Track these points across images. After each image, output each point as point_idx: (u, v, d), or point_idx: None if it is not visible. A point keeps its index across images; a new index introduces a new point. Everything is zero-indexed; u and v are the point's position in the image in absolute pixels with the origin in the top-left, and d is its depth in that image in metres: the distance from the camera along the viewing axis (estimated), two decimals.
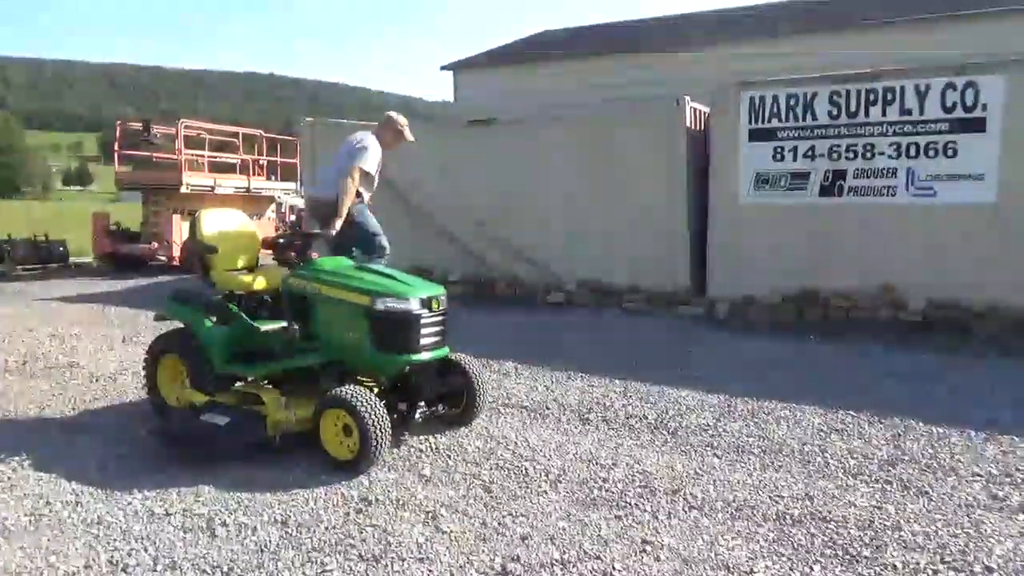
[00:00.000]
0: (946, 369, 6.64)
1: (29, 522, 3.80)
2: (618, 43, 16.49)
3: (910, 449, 4.75)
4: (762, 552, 3.45)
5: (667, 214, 9.26)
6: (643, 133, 9.40)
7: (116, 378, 6.59)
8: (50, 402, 5.87)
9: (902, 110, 7.93)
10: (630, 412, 5.55)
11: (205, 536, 3.63)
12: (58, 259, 15.49)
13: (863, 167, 8.16)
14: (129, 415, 5.53)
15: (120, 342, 8.15)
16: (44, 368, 6.95)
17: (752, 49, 13.96)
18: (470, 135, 10.97)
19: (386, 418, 4.34)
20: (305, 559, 3.41)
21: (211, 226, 5.40)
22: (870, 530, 3.66)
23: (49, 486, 4.22)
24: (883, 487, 4.18)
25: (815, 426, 5.20)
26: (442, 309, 4.81)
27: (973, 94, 7.60)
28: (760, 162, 8.66)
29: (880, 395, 5.87)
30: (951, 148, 7.73)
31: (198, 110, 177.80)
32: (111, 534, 3.65)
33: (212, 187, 15.81)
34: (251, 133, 18.60)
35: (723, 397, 5.86)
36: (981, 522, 3.74)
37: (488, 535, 3.63)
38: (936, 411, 5.43)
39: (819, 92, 8.32)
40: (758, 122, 8.65)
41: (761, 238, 8.66)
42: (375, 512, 3.87)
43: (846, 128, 8.21)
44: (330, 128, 12.23)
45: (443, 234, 10.82)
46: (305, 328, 4.92)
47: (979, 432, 5.01)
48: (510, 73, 16.69)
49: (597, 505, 3.96)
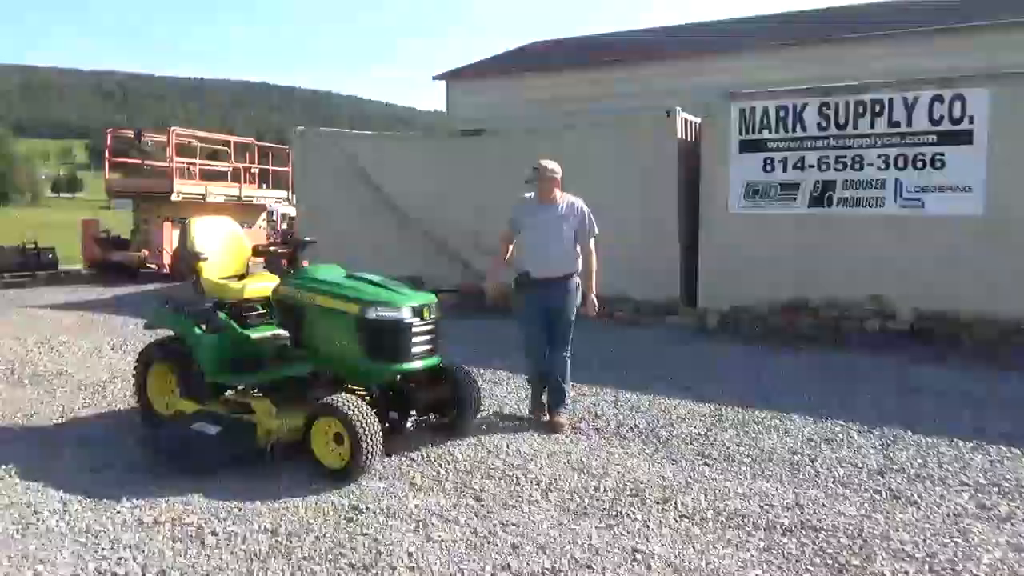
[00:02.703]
0: (935, 379, 6.69)
1: (17, 531, 3.77)
2: (610, 54, 16.56)
3: (899, 458, 4.77)
4: (752, 561, 3.46)
5: (658, 224, 9.29)
6: (634, 144, 9.44)
7: (105, 386, 6.55)
8: (38, 410, 5.83)
9: (890, 122, 8.00)
10: (621, 421, 5.55)
11: (195, 545, 3.60)
12: (47, 267, 15.39)
13: (852, 178, 8.22)
14: (118, 423, 5.50)
15: (109, 350, 8.11)
16: (32, 376, 6.90)
17: (742, 61, 14.06)
18: (461, 146, 10.99)
19: (377, 427, 4.33)
20: (295, 568, 3.39)
21: (202, 234, 5.39)
22: (860, 539, 3.67)
23: (37, 495, 4.19)
24: (872, 496, 4.20)
25: (805, 435, 5.22)
26: (433, 318, 4.81)
27: (960, 106, 7.68)
28: (750, 173, 8.72)
29: (869, 405, 5.91)
30: (939, 160, 7.81)
31: (190, 118, 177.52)
32: (100, 543, 3.62)
33: (203, 195, 15.78)
34: (243, 141, 18.58)
35: (713, 406, 5.88)
36: (969, 531, 3.76)
37: (479, 544, 3.62)
38: (925, 421, 5.47)
39: (808, 103, 8.39)
40: (748, 133, 8.71)
41: (751, 248, 8.70)
42: (366, 521, 3.85)
43: (835, 139, 8.28)
44: (322, 137, 12.26)
45: (434, 243, 10.82)
46: (296, 337, 4.91)
47: (967, 442, 5.04)
48: (503, 83, 16.73)
49: (588, 514, 3.96)
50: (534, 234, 5.37)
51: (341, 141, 11.86)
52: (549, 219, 5.34)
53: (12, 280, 14.29)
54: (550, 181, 5.36)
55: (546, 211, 5.37)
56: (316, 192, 11.90)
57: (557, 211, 5.37)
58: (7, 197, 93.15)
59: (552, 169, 5.36)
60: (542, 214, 5.37)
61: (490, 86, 16.90)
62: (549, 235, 5.33)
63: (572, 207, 5.42)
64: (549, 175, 5.35)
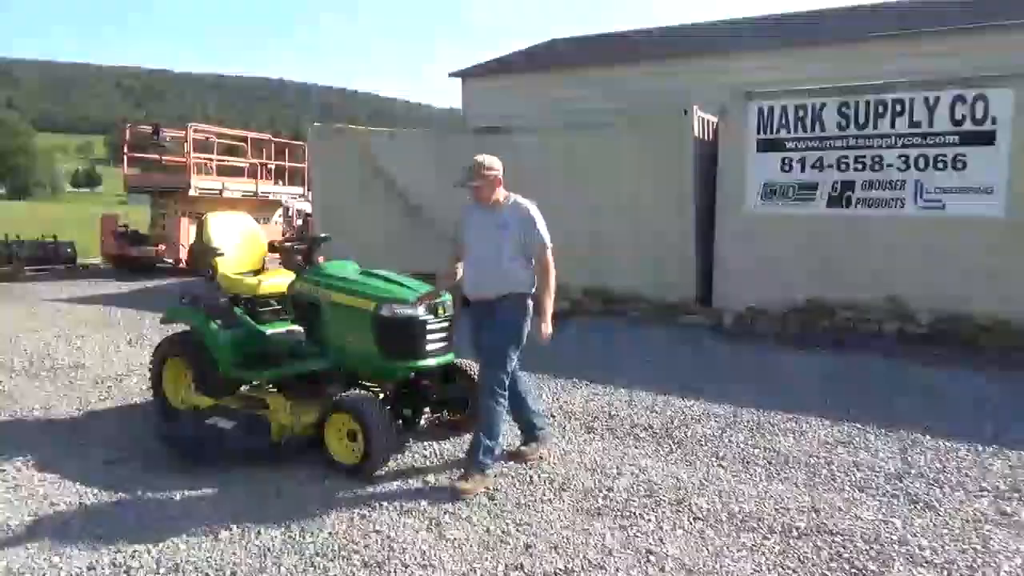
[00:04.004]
0: (953, 382, 6.61)
1: (33, 523, 3.80)
2: (626, 52, 16.49)
3: (917, 463, 4.72)
4: (768, 565, 3.43)
5: (674, 224, 9.24)
6: (650, 143, 9.39)
7: (122, 380, 6.60)
8: (56, 403, 5.88)
9: (911, 122, 7.91)
10: (635, 421, 5.53)
11: (208, 539, 3.62)
12: (66, 260, 15.54)
13: (871, 178, 8.13)
14: (134, 417, 5.54)
15: (126, 344, 8.17)
16: (50, 369, 6.96)
17: (760, 60, 13.94)
18: (476, 143, 10.97)
19: (391, 424, 4.33)
20: (308, 564, 3.40)
21: (218, 229, 5.42)
22: (876, 544, 3.63)
23: (53, 487, 4.22)
24: (890, 501, 4.15)
25: (821, 438, 5.17)
26: (448, 315, 4.80)
27: (983, 107, 7.58)
28: (768, 172, 8.65)
29: (887, 408, 5.84)
30: (960, 161, 7.71)
31: (208, 114, 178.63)
32: (115, 536, 3.65)
33: (220, 191, 15.86)
34: (260, 137, 18.66)
35: (728, 408, 5.84)
36: (989, 538, 3.71)
37: (492, 543, 3.61)
38: (943, 425, 5.40)
39: (828, 103, 8.31)
40: (766, 132, 8.63)
41: (768, 249, 8.63)
42: (378, 518, 3.86)
43: (855, 139, 8.19)
44: (338, 134, 12.29)
45: (448, 240, 10.82)
46: (311, 333, 4.93)
47: (987, 446, 4.97)
48: (519, 81, 16.69)
49: (601, 514, 3.94)
50: (468, 246, 4.48)
51: (357, 138, 11.88)
52: (485, 227, 4.39)
53: (32, 273, 14.43)
54: (489, 180, 4.39)
55: (484, 217, 4.43)
56: (332, 189, 11.92)
57: (496, 218, 4.37)
58: (27, 191, 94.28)
59: (489, 166, 4.40)
60: (479, 221, 4.44)
61: (505, 84, 16.87)
62: (483, 247, 4.38)
63: (515, 212, 4.38)
64: (485, 172, 4.37)
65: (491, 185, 4.40)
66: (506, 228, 4.33)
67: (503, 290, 4.34)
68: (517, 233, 4.33)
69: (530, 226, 4.34)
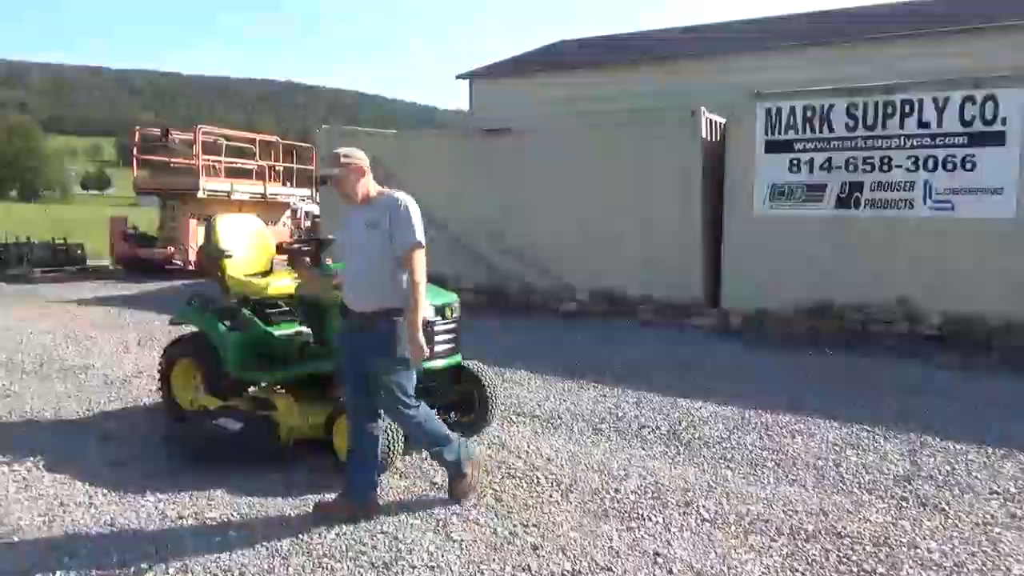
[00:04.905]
0: (963, 384, 6.57)
1: (43, 522, 3.82)
2: (634, 54, 16.48)
3: (926, 465, 4.69)
4: (776, 567, 3.42)
5: (681, 225, 9.24)
6: (658, 144, 9.39)
7: (131, 381, 6.63)
8: (65, 404, 5.91)
9: (920, 123, 7.88)
10: (643, 423, 5.52)
11: (217, 540, 3.63)
12: (76, 262, 15.64)
13: (880, 180, 8.11)
14: (143, 418, 5.56)
15: (136, 345, 8.21)
16: (60, 370, 7.00)
17: (767, 61, 13.91)
18: (485, 144, 10.99)
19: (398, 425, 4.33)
20: (316, 564, 3.41)
21: (227, 231, 5.43)
22: (885, 547, 3.61)
23: (63, 487, 4.24)
24: (899, 503, 4.13)
25: (829, 440, 5.15)
26: (455, 317, 4.81)
27: (992, 107, 7.55)
28: (776, 174, 8.63)
29: (896, 410, 5.82)
30: (970, 162, 7.67)
31: (216, 116, 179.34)
32: (123, 536, 3.66)
33: (229, 192, 15.93)
34: (268, 139, 18.72)
35: (736, 409, 5.82)
36: (999, 541, 3.69)
37: (499, 544, 3.61)
38: (953, 427, 5.37)
39: (836, 104, 8.29)
40: (774, 133, 8.62)
41: (776, 250, 8.61)
42: (386, 519, 3.86)
43: (863, 140, 8.16)
44: (346, 135, 12.32)
45: (456, 242, 10.84)
46: (319, 334, 4.93)
47: (997, 449, 4.94)
48: (526, 82, 16.70)
49: (609, 516, 3.93)
50: (344, 249, 3.98)
51: (365, 139, 11.91)
52: (358, 228, 3.83)
53: (42, 275, 14.52)
54: (350, 169, 3.83)
55: (356, 214, 3.89)
56: None
57: (364, 216, 3.83)
58: (38, 193, 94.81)
59: (347, 154, 3.88)
60: (353, 221, 3.89)
61: (513, 85, 16.88)
62: (354, 252, 3.86)
63: (387, 209, 3.79)
64: (344, 160, 3.84)
65: (354, 175, 3.82)
66: (375, 227, 3.74)
67: (373, 304, 3.74)
68: (389, 233, 3.72)
69: (403, 223, 3.72)
